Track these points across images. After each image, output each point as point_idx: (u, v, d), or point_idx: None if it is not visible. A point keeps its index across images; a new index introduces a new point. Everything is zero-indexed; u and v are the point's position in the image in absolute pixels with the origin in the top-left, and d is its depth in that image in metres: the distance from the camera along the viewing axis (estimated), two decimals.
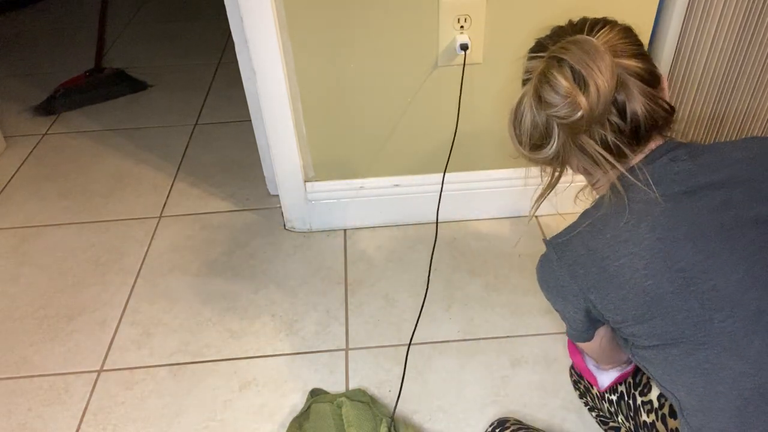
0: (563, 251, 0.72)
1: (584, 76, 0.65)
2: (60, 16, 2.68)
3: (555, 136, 0.68)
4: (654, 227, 0.65)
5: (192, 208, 1.52)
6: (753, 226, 0.64)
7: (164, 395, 1.09)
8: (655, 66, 0.72)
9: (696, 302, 0.63)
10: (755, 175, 0.67)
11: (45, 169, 1.69)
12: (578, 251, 0.70)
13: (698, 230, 0.64)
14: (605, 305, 0.69)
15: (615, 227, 0.68)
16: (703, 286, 0.63)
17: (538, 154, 0.71)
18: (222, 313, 1.24)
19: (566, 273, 0.71)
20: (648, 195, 0.67)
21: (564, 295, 0.74)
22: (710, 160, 0.69)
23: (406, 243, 1.38)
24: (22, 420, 1.06)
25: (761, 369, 0.61)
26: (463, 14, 1.12)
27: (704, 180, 0.67)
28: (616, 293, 0.67)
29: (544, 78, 0.66)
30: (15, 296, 1.30)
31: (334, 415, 0.99)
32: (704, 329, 0.63)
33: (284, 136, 1.26)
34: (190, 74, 2.15)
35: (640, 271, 0.65)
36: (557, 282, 0.73)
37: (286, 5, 1.09)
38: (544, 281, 0.77)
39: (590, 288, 0.70)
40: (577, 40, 0.67)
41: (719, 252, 0.63)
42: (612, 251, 0.67)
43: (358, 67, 1.18)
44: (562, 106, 0.65)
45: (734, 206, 0.65)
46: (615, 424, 0.94)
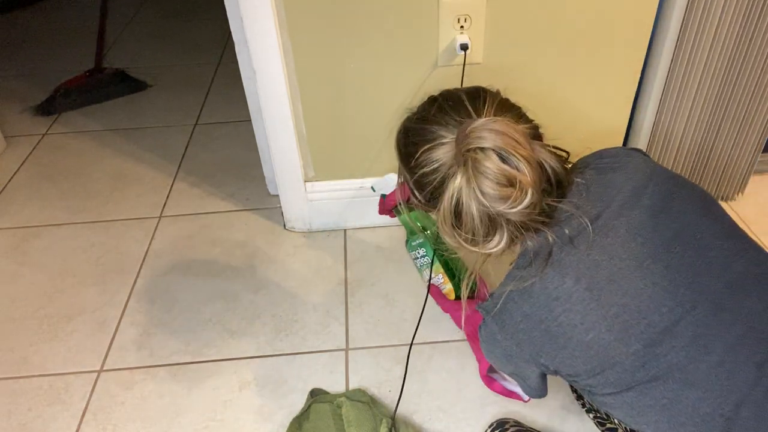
0: (503, 321, 0.70)
1: (513, 158, 0.64)
2: (60, 16, 2.68)
3: (501, 226, 0.66)
4: (578, 278, 0.65)
5: (192, 208, 1.52)
6: (663, 247, 0.65)
7: (164, 395, 1.09)
8: (533, 119, 0.72)
9: (638, 344, 0.63)
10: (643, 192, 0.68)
11: (45, 169, 1.69)
12: (516, 318, 0.69)
13: (617, 270, 0.65)
14: (557, 365, 0.69)
15: (542, 287, 0.67)
16: (639, 326, 0.63)
17: (486, 247, 0.68)
18: (222, 313, 1.24)
19: (512, 342, 0.71)
20: (561, 244, 0.67)
21: (515, 362, 0.73)
22: (601, 190, 0.70)
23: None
24: (22, 420, 1.06)
25: (714, 391, 0.62)
26: (463, 14, 1.12)
27: (605, 214, 0.67)
28: (563, 353, 0.67)
29: (479, 173, 0.64)
30: (15, 296, 1.30)
31: (334, 415, 0.99)
32: (652, 367, 0.63)
33: (284, 136, 1.26)
34: (190, 74, 2.15)
35: (578, 327, 0.65)
36: (505, 351, 0.72)
37: (286, 5, 1.09)
38: (490, 352, 0.76)
39: (539, 352, 0.69)
40: (482, 124, 0.65)
41: (643, 287, 0.64)
42: (548, 311, 0.67)
43: (358, 67, 1.18)
44: (513, 195, 0.63)
45: (638, 231, 0.66)
46: (612, 425, 0.94)
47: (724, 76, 1.24)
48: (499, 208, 0.65)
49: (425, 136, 0.71)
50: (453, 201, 0.67)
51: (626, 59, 1.22)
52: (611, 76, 1.23)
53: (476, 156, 0.64)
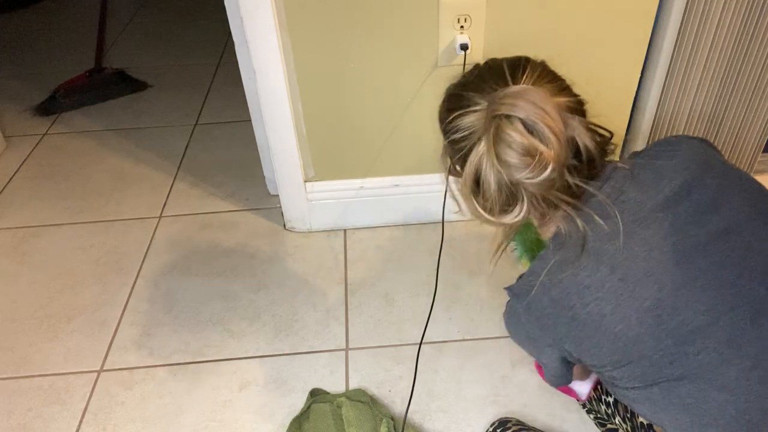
0: (529, 304, 0.69)
1: (538, 127, 0.62)
2: (60, 16, 2.68)
3: (522, 197, 0.65)
4: (613, 268, 0.64)
5: (192, 208, 1.52)
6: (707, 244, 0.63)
7: (164, 395, 1.09)
8: (578, 94, 0.70)
9: (669, 340, 0.62)
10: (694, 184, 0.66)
11: (45, 169, 1.69)
12: (543, 302, 0.68)
13: (656, 263, 0.63)
14: (581, 353, 0.68)
15: (575, 274, 0.65)
16: (672, 322, 0.62)
17: (505, 218, 0.67)
18: (222, 313, 1.24)
19: (536, 326, 0.69)
20: (600, 231, 0.65)
21: (538, 346, 0.72)
22: (649, 179, 0.67)
23: (406, 243, 1.38)
24: (22, 420, 1.06)
25: (742, 396, 0.61)
26: (463, 14, 1.12)
27: (649, 205, 0.66)
28: (589, 341, 0.66)
29: (501, 140, 0.63)
30: (15, 296, 1.30)
31: (334, 415, 0.99)
32: (681, 365, 0.62)
33: (284, 136, 1.26)
34: (190, 74, 2.15)
35: (608, 317, 0.64)
36: (528, 334, 0.71)
37: (286, 5, 1.09)
38: (514, 334, 0.75)
39: (563, 338, 0.68)
40: (515, 92, 0.64)
41: (682, 283, 0.62)
42: (578, 299, 0.65)
43: (358, 67, 1.18)
44: (532, 166, 0.62)
45: (683, 227, 0.64)
46: (612, 426, 0.94)
47: (723, 75, 1.24)
48: (516, 177, 0.63)
49: (460, 102, 0.69)
50: (473, 167, 0.66)
51: (626, 59, 1.22)
52: (611, 76, 1.23)
53: (501, 123, 0.63)
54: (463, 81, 0.73)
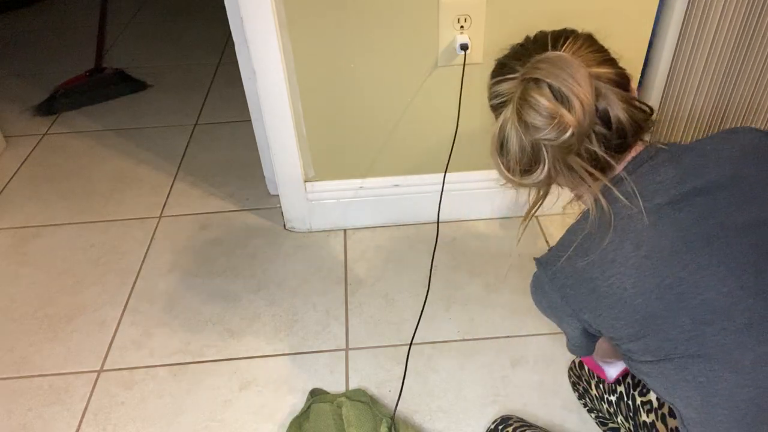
0: (554, 274, 0.71)
1: (564, 93, 0.64)
2: (60, 16, 2.68)
3: (544, 158, 0.67)
4: (639, 245, 0.65)
5: (192, 208, 1.52)
6: (740, 232, 0.64)
7: (164, 395, 1.09)
8: (623, 68, 0.71)
9: (687, 318, 0.63)
10: (740, 174, 0.67)
11: (45, 169, 1.69)
12: (567, 273, 0.70)
13: (683, 244, 0.64)
14: (599, 324, 0.69)
15: (600, 247, 0.67)
16: (693, 301, 0.63)
17: (528, 179, 0.70)
18: (222, 313, 1.24)
19: (558, 295, 0.71)
20: (631, 209, 0.66)
21: (559, 315, 0.74)
22: (693, 163, 0.68)
23: (406, 243, 1.38)
24: (22, 420, 1.06)
25: (756, 381, 0.61)
26: (463, 14, 1.12)
27: (687, 186, 0.66)
28: (608, 313, 0.67)
29: (525, 102, 0.65)
30: (15, 296, 1.30)
31: (334, 415, 0.99)
32: (697, 343, 0.63)
33: (284, 136, 1.26)
34: (190, 74, 2.15)
35: (629, 290, 0.65)
36: (550, 303, 0.73)
37: (286, 5, 1.09)
38: (538, 302, 0.77)
39: (582, 309, 0.70)
40: (548, 57, 0.66)
41: (707, 265, 0.63)
42: (600, 272, 0.67)
43: (358, 67, 1.18)
44: (551, 127, 0.64)
45: (718, 213, 0.65)
46: (614, 425, 0.94)
47: (724, 75, 1.24)
48: (534, 137, 0.65)
49: (501, 70, 0.73)
50: (499, 127, 0.68)
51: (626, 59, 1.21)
52: None
53: (529, 86, 0.65)
54: (509, 51, 0.75)
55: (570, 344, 0.79)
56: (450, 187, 1.34)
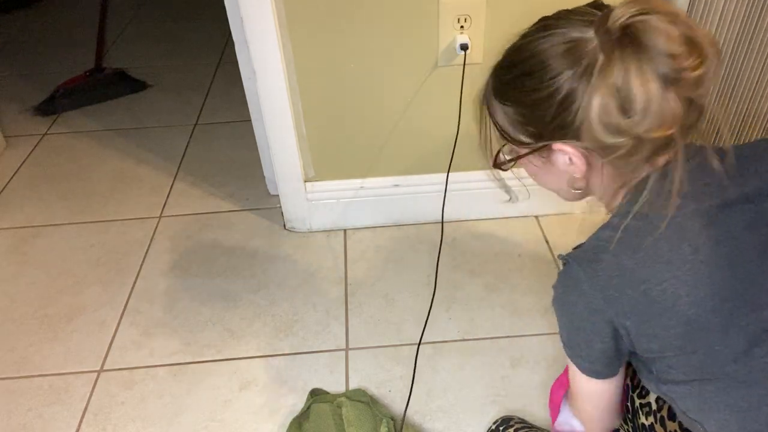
0: (595, 272, 0.61)
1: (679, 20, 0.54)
2: (60, 16, 2.68)
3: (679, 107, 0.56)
4: (697, 248, 0.58)
5: (192, 208, 1.52)
6: None
7: (164, 395, 1.09)
8: None
9: (739, 336, 0.58)
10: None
11: (45, 169, 1.69)
12: (611, 271, 0.61)
13: (738, 253, 0.58)
14: (642, 332, 0.61)
15: (653, 245, 0.59)
16: (746, 318, 0.58)
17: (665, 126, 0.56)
18: (222, 313, 1.24)
19: (599, 296, 0.61)
20: (685, 207, 0.59)
21: (593, 322, 0.63)
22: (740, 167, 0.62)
23: (406, 243, 1.38)
24: (22, 420, 1.06)
25: None
26: (463, 14, 1.12)
27: (735, 193, 0.60)
28: (657, 321, 0.60)
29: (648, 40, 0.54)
30: (15, 296, 1.30)
31: (334, 415, 0.99)
32: (744, 365, 0.58)
33: (284, 136, 1.26)
34: (190, 74, 2.15)
35: (683, 298, 0.58)
36: (588, 306, 0.63)
37: (286, 5, 1.09)
38: (568, 305, 0.66)
39: (627, 313, 0.61)
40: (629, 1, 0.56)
41: (761, 279, 0.58)
42: (653, 273, 0.59)
43: (358, 67, 1.18)
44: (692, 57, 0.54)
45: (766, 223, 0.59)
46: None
47: (724, 75, 1.24)
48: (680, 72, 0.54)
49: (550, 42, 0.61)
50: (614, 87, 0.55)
51: None
52: None
53: (637, 25, 0.54)
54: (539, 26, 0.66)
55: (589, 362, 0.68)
56: (450, 186, 1.34)
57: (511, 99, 0.67)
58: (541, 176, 0.71)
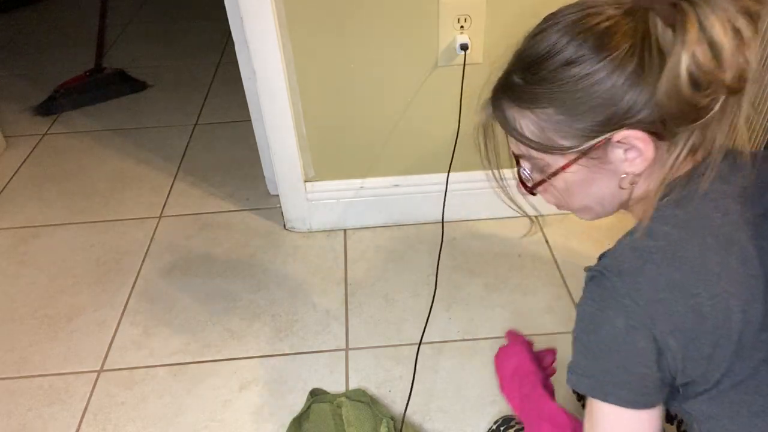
0: (638, 284, 0.54)
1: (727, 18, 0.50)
2: (60, 16, 2.68)
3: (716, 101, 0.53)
4: (745, 260, 0.53)
5: (192, 208, 1.52)
6: None
7: (164, 395, 1.09)
8: None
9: None
10: None
11: (45, 169, 1.69)
12: (658, 284, 0.53)
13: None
14: (689, 354, 0.54)
15: (701, 254, 0.53)
16: None
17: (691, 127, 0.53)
18: (222, 313, 1.24)
19: (644, 313, 0.53)
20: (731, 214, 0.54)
21: (634, 342, 0.54)
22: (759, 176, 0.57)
23: (406, 243, 1.38)
24: (22, 420, 1.06)
25: None
26: (463, 14, 1.12)
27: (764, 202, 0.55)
28: (707, 339, 0.53)
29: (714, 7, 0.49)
30: (15, 296, 1.30)
31: (334, 415, 0.99)
32: None
33: (284, 136, 1.26)
34: (190, 74, 2.15)
35: (736, 315, 0.52)
36: (629, 323, 0.54)
37: (286, 5, 1.09)
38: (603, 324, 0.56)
39: (674, 332, 0.53)
40: None
41: None
42: (704, 287, 0.52)
43: (358, 67, 1.18)
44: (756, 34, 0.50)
45: None
46: None
47: None
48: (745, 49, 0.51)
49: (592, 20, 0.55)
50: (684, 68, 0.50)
51: None
52: None
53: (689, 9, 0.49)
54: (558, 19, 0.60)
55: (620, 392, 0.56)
56: (450, 186, 1.34)
57: (545, 99, 0.57)
58: (580, 190, 0.62)
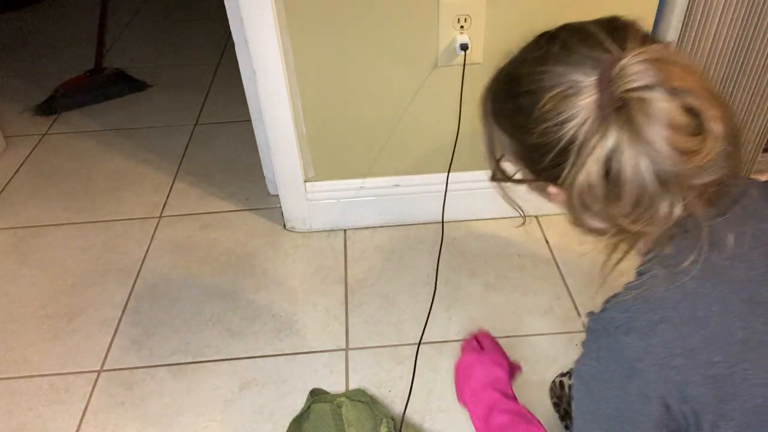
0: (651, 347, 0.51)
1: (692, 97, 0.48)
2: (60, 16, 2.68)
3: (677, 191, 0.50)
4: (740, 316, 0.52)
5: (192, 208, 1.52)
6: None
7: (164, 395, 1.09)
8: None
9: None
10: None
11: (45, 169, 1.69)
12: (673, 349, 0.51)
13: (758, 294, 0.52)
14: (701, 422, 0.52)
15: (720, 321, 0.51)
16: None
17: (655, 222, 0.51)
18: (222, 313, 1.24)
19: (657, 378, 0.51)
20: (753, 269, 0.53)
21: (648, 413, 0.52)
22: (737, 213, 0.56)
23: (406, 243, 1.38)
24: (22, 420, 1.06)
25: None
26: (463, 14, 1.12)
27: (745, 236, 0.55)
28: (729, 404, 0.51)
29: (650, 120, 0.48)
30: (15, 296, 1.30)
31: (334, 415, 0.99)
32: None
33: (284, 136, 1.26)
34: (190, 74, 2.15)
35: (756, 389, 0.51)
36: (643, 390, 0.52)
37: (286, 5, 1.09)
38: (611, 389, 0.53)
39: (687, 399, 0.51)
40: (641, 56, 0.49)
41: None
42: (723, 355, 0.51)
43: (358, 67, 1.18)
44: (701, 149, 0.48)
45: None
46: None
47: (724, 76, 1.24)
48: (679, 168, 0.48)
49: (547, 82, 0.53)
50: (603, 165, 0.50)
51: None
52: None
53: (640, 96, 0.48)
54: (539, 54, 0.57)
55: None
56: (450, 187, 1.34)
57: (507, 131, 0.60)
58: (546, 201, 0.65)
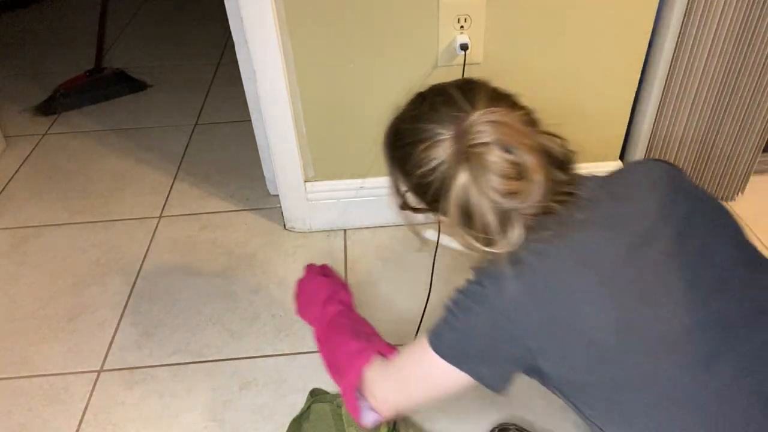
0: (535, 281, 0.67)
1: (516, 149, 0.63)
2: (60, 16, 2.68)
3: (517, 218, 0.65)
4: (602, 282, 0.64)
5: (192, 208, 1.52)
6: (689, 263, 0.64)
7: (164, 395, 1.09)
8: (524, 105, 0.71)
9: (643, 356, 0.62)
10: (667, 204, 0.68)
11: (45, 169, 1.69)
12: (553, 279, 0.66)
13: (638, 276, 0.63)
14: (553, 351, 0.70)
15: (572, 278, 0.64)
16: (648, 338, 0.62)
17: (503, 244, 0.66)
18: (222, 313, 1.24)
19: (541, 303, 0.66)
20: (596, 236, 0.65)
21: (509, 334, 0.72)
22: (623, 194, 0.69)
23: (406, 243, 1.38)
24: (22, 420, 1.06)
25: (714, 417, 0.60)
26: (463, 14, 1.12)
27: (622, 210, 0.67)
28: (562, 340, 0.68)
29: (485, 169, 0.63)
30: (15, 296, 1.30)
31: (334, 415, 0.99)
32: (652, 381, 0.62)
33: (284, 136, 1.26)
34: (190, 74, 2.15)
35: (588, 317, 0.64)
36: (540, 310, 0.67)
37: (286, 5, 1.09)
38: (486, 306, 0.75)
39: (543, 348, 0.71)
40: (480, 118, 0.64)
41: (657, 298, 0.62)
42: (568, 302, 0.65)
43: (358, 67, 1.18)
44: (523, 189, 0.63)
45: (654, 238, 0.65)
46: None
47: (724, 76, 1.24)
48: (510, 204, 0.64)
49: (419, 135, 0.69)
50: (460, 200, 0.66)
51: (626, 60, 1.22)
52: (611, 77, 1.23)
53: (480, 151, 0.63)
54: (414, 113, 0.73)
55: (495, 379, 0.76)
56: None
57: (402, 172, 0.76)
58: None
